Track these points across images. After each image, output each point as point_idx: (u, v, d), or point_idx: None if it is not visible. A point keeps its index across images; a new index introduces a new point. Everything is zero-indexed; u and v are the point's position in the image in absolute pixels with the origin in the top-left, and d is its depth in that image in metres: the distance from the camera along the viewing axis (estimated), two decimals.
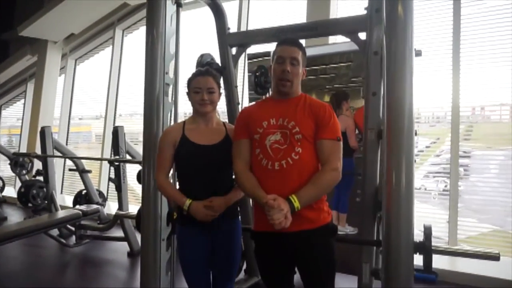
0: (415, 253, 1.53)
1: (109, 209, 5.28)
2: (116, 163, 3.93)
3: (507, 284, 2.94)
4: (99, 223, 4.26)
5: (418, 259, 1.58)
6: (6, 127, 9.01)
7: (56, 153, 4.82)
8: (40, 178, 5.16)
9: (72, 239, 4.22)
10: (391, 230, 1.52)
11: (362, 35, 2.19)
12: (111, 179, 4.04)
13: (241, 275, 2.89)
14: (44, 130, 4.64)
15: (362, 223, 2.15)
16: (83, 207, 3.91)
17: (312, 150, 1.57)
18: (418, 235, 1.58)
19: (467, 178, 3.66)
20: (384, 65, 1.65)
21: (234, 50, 2.64)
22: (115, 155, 4.00)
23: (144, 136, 2.11)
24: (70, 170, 5.15)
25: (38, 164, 5.32)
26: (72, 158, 4.93)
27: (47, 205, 4.82)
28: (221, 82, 2.33)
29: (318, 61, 3.22)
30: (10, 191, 7.26)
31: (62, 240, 4.08)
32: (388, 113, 1.56)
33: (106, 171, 6.04)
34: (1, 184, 6.93)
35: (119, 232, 4.07)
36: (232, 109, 2.72)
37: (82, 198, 5.04)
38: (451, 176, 3.48)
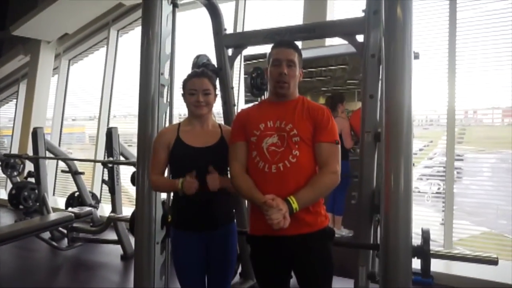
0: (413, 257, 1.52)
1: (102, 211, 5.22)
2: (110, 165, 3.89)
3: (502, 287, 2.94)
4: (92, 226, 4.20)
5: (414, 262, 1.57)
6: None
7: (48, 154, 4.76)
8: (32, 180, 5.08)
9: (64, 242, 4.15)
10: (389, 233, 1.51)
11: (360, 38, 2.18)
12: (104, 181, 3.99)
13: (236, 278, 2.87)
14: (36, 131, 4.57)
15: (359, 226, 2.14)
16: (76, 210, 3.86)
17: (310, 153, 1.56)
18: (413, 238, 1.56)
19: (460, 180, 3.68)
20: (382, 67, 1.64)
21: (230, 51, 2.62)
22: (108, 156, 3.95)
23: (138, 137, 2.08)
24: (63, 171, 5.08)
25: (30, 166, 5.25)
26: (64, 160, 4.87)
27: (39, 207, 4.76)
28: (217, 84, 2.31)
29: (314, 63, 3.23)
30: (1, 192, 7.15)
31: (54, 243, 4.02)
32: (387, 116, 1.55)
33: (100, 172, 5.97)
34: None
35: (112, 235, 4.01)
36: (228, 110, 2.69)
37: (75, 200, 4.97)
38: (447, 179, 3.49)
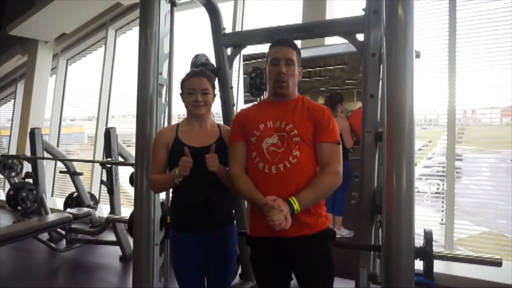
0: (416, 258, 1.50)
1: (101, 212, 5.20)
2: (108, 165, 3.86)
3: (502, 287, 2.93)
4: (90, 227, 4.17)
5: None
6: None
7: (46, 155, 4.73)
8: (30, 181, 5.05)
9: (63, 243, 4.13)
10: (392, 234, 1.49)
11: (360, 37, 2.16)
12: (103, 181, 3.96)
13: (236, 279, 2.84)
14: (33, 131, 4.54)
15: (359, 226, 2.12)
16: (74, 211, 3.84)
17: (311, 154, 1.54)
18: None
19: (459, 180, 3.67)
20: (384, 67, 1.62)
21: (229, 51, 2.60)
22: (107, 157, 3.92)
23: (136, 137, 2.06)
24: (61, 172, 5.05)
25: (28, 166, 5.22)
26: (62, 160, 4.84)
27: (37, 208, 4.72)
28: (216, 83, 2.29)
29: (312, 63, 3.22)
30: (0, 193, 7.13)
31: (52, 245, 3.99)
32: (389, 115, 1.53)
33: (98, 173, 5.94)
34: None
35: (111, 236, 3.99)
36: (227, 110, 2.67)
37: (73, 201, 4.94)
38: (447, 179, 3.47)
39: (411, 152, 1.51)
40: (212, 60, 2.60)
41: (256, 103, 1.79)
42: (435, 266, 1.53)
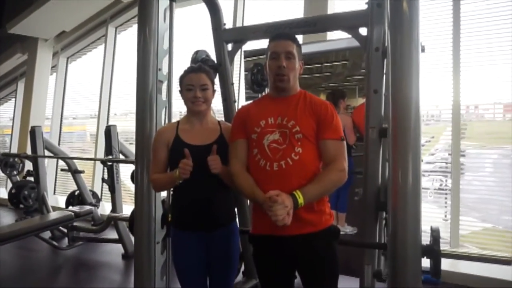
0: (422, 256, 1.47)
1: (103, 209, 5.18)
2: (109, 163, 3.84)
3: (507, 285, 2.90)
4: (92, 225, 4.16)
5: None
6: None
7: (47, 153, 4.71)
8: (31, 179, 5.04)
9: (65, 241, 4.11)
10: (398, 232, 1.46)
11: (363, 31, 2.12)
12: (104, 179, 3.94)
13: (239, 277, 2.82)
14: (34, 129, 4.53)
15: (364, 224, 2.09)
16: (76, 208, 3.83)
17: (313, 150, 1.51)
18: None
19: (462, 176, 3.64)
20: (388, 61, 1.58)
21: (230, 47, 2.56)
22: (107, 155, 3.90)
23: (136, 135, 2.03)
24: (62, 170, 5.04)
25: (29, 165, 5.21)
26: (63, 158, 4.82)
27: (39, 206, 4.71)
28: (216, 80, 2.26)
29: (313, 60, 3.20)
30: (2, 191, 7.11)
31: (54, 243, 3.98)
32: (394, 111, 1.49)
33: (100, 171, 5.93)
34: None
35: (113, 234, 3.98)
36: (228, 107, 2.64)
37: (75, 199, 4.93)
38: (452, 175, 3.43)
39: (417, 148, 1.47)
40: (213, 56, 2.57)
41: (257, 99, 1.75)
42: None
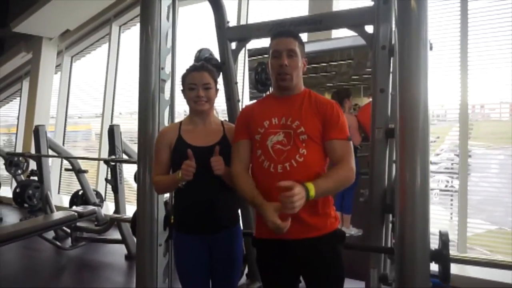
0: (431, 261, 1.43)
1: (107, 209, 5.17)
2: (112, 163, 3.81)
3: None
4: (96, 225, 4.14)
5: None
6: (6, 126, 8.86)
7: (51, 152, 4.70)
8: (36, 178, 5.04)
9: (68, 242, 4.10)
10: (405, 236, 1.42)
11: (369, 28, 2.08)
12: (107, 179, 3.92)
13: (242, 279, 2.78)
14: (38, 128, 4.51)
15: (370, 226, 2.04)
16: (79, 209, 3.81)
17: (318, 152, 1.46)
18: None
19: (468, 177, 3.58)
20: (396, 60, 1.54)
21: (233, 45, 2.52)
22: (110, 154, 3.88)
23: (139, 135, 2.00)
24: (66, 170, 5.03)
25: (34, 164, 5.20)
26: (67, 158, 4.80)
27: (42, 206, 4.71)
28: (219, 79, 2.22)
29: (318, 59, 3.18)
30: (7, 190, 7.13)
31: (57, 243, 3.98)
32: (401, 110, 1.45)
33: (104, 171, 5.92)
34: None
35: (117, 234, 3.96)
36: (232, 107, 2.59)
37: (79, 199, 4.92)
38: (460, 176, 3.37)
39: (426, 149, 1.42)
40: (216, 55, 2.53)
41: (260, 98, 1.71)
42: None
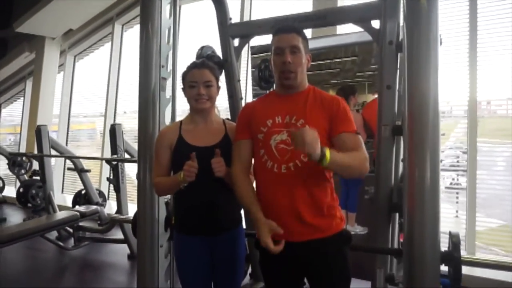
0: (441, 264, 1.38)
1: (110, 209, 5.13)
2: (114, 162, 3.78)
3: None
4: (99, 224, 4.12)
5: None
6: (11, 125, 8.87)
7: (53, 152, 4.68)
8: (38, 178, 5.03)
9: (71, 241, 4.08)
10: (414, 238, 1.37)
11: (375, 24, 2.02)
12: (109, 179, 3.89)
13: (246, 279, 2.74)
14: (40, 128, 4.49)
15: (376, 226, 2.00)
16: (82, 208, 3.78)
17: None
18: None
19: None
20: (404, 55, 1.48)
21: (236, 42, 2.47)
22: (112, 154, 3.84)
23: (139, 134, 1.97)
24: (69, 169, 5.01)
25: (37, 164, 5.19)
26: (69, 158, 4.78)
27: (45, 206, 4.70)
28: (221, 76, 2.17)
29: (322, 56, 3.14)
30: (11, 190, 7.14)
31: (60, 243, 3.96)
32: (410, 107, 1.40)
33: (107, 170, 5.89)
34: (0, 184, 6.80)
35: (119, 234, 3.93)
36: (235, 105, 2.55)
37: (82, 198, 4.90)
38: (469, 173, 3.31)
39: (436, 147, 1.38)
40: (219, 52, 2.48)
41: (263, 95, 1.66)
42: None
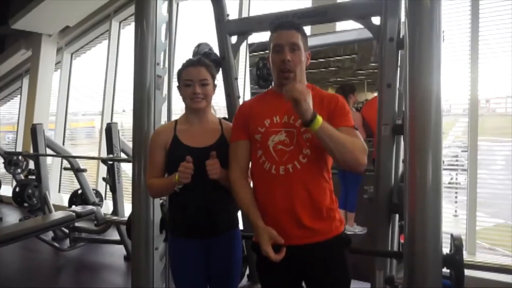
0: (443, 267, 1.34)
1: (107, 209, 5.08)
2: (110, 162, 3.72)
3: None
4: (95, 225, 4.07)
5: None
6: (11, 123, 8.79)
7: (49, 151, 4.62)
8: (34, 178, 4.97)
9: (67, 242, 4.03)
10: (415, 240, 1.34)
11: (376, 20, 1.98)
12: (105, 179, 3.83)
13: (243, 281, 2.71)
14: (35, 127, 4.42)
15: (375, 227, 1.97)
16: (77, 208, 3.70)
17: (323, 152, 1.35)
18: None
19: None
20: (405, 52, 1.44)
21: (234, 39, 2.43)
22: (108, 153, 3.79)
23: (133, 134, 1.93)
24: (65, 169, 4.95)
25: (33, 163, 5.13)
26: (65, 157, 4.71)
27: (41, 206, 4.64)
28: (218, 74, 2.12)
29: (321, 54, 3.11)
30: (8, 189, 7.08)
31: (55, 244, 3.91)
32: (412, 105, 1.36)
33: (104, 169, 5.84)
34: None
35: (115, 235, 3.88)
36: (232, 103, 2.50)
37: (78, 198, 4.84)
38: (469, 172, 3.28)
39: (438, 147, 1.34)
40: (216, 50, 2.44)
41: (260, 94, 1.61)
42: None
